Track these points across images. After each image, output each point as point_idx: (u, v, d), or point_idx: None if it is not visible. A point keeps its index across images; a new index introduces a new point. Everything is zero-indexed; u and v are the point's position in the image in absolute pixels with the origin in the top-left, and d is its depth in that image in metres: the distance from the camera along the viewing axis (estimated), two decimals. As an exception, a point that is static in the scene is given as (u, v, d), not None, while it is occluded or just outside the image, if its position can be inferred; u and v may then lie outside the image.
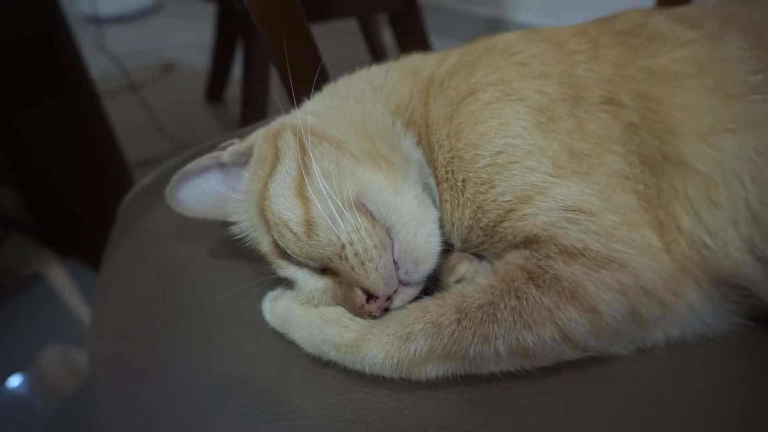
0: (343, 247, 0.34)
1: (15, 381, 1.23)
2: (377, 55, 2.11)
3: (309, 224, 0.35)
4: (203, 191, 0.42)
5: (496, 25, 2.18)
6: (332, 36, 2.08)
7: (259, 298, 0.40)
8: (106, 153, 1.29)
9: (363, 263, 0.34)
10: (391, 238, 0.35)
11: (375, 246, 0.34)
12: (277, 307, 0.38)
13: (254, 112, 1.59)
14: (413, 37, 1.59)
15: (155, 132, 1.88)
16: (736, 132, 0.36)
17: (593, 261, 0.34)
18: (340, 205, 0.34)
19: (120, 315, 0.44)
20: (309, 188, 0.35)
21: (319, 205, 0.35)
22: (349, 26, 1.95)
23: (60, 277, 1.59)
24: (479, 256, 0.39)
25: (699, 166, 0.36)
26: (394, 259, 0.35)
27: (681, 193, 0.36)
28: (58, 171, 1.33)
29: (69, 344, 1.42)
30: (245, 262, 0.43)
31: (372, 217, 0.35)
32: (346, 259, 0.34)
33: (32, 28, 1.12)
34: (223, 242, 0.44)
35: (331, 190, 0.35)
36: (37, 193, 1.43)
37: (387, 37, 1.93)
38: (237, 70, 1.85)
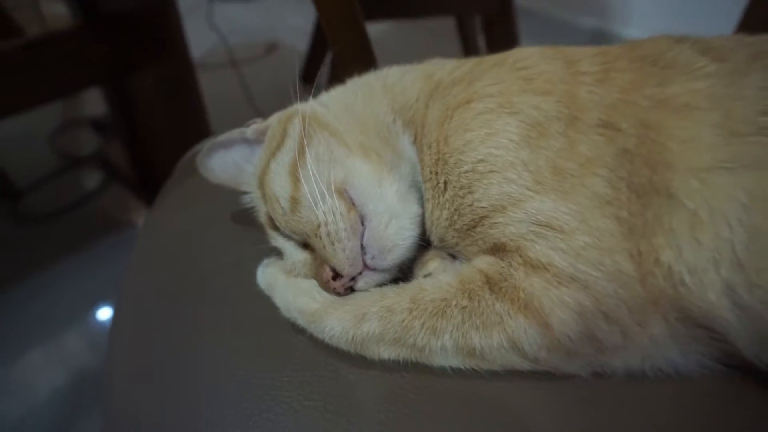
0: (318, 226, 0.38)
1: (104, 313, 1.35)
2: (471, 55, 2.10)
3: (294, 201, 0.39)
4: (228, 162, 0.48)
5: (601, 38, 2.10)
6: (431, 37, 2.12)
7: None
8: (195, 121, 1.42)
9: (333, 243, 0.37)
10: (363, 225, 0.38)
11: (345, 229, 0.37)
12: (265, 273, 0.43)
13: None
14: (505, 43, 1.58)
15: (248, 107, 2.01)
16: (731, 171, 0.35)
17: (556, 277, 0.36)
18: (324, 188, 0.38)
19: (149, 264, 0.52)
20: (300, 170, 0.39)
21: (305, 186, 0.39)
22: (449, 29, 1.97)
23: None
24: (454, 257, 0.41)
25: (687, 202, 0.36)
26: (362, 244, 0.38)
27: (666, 226, 0.36)
28: (156, 132, 1.49)
29: None
30: (257, 228, 0.48)
31: (352, 203, 0.39)
32: (320, 237, 0.38)
33: (144, 2, 1.26)
34: (243, 209, 0.50)
35: (319, 174, 0.39)
36: (138, 149, 1.61)
37: (483, 41, 1.93)
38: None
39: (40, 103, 1.36)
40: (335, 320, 0.37)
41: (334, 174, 0.39)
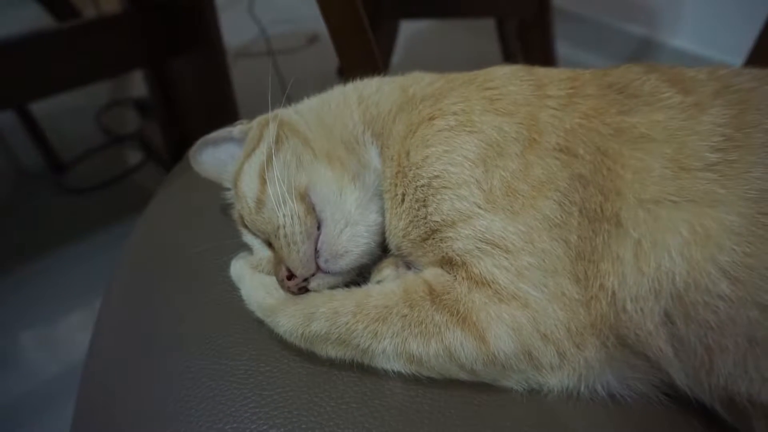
0: (278, 227, 0.41)
1: None
2: (509, 57, 2.10)
3: (259, 202, 0.42)
4: (216, 158, 0.52)
5: (648, 47, 2.05)
6: (474, 35, 2.11)
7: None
8: (224, 108, 1.48)
9: (289, 245, 0.40)
10: (319, 230, 0.41)
11: (301, 233, 0.40)
12: (236, 266, 0.46)
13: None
14: (540, 48, 1.57)
15: (282, 97, 2.06)
16: (676, 205, 0.35)
17: (497, 294, 0.37)
18: (286, 193, 0.41)
19: (140, 246, 0.56)
20: (267, 173, 0.42)
21: (270, 189, 0.41)
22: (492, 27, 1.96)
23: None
24: (410, 267, 0.43)
25: (633, 231, 0.36)
26: (316, 248, 0.40)
27: (613, 253, 0.37)
28: (189, 115, 1.56)
29: None
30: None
31: (312, 208, 0.42)
32: (279, 238, 0.41)
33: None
34: (230, 203, 0.53)
35: (284, 178, 0.41)
36: (172, 130, 1.68)
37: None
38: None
39: (90, 81, 1.45)
40: (287, 317, 0.40)
41: (298, 179, 0.42)
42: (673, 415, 0.38)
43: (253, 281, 0.43)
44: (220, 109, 1.49)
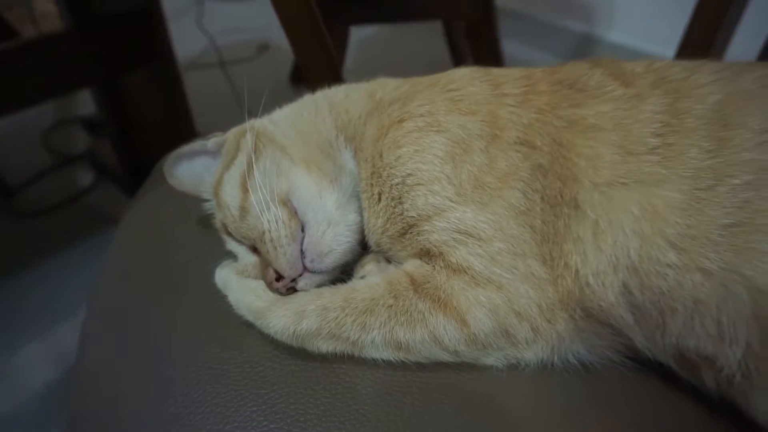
0: (263, 233, 0.43)
1: None
2: (458, 58, 2.16)
3: (243, 210, 0.44)
4: (191, 171, 0.53)
5: (587, 42, 2.15)
6: (424, 37, 2.15)
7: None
8: (180, 121, 1.48)
9: (275, 248, 0.42)
10: (303, 232, 0.43)
11: (286, 236, 0.42)
12: (221, 273, 0.48)
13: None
14: (488, 47, 1.62)
15: (237, 107, 2.05)
16: (626, 186, 0.40)
17: (473, 279, 0.40)
18: (269, 199, 0.43)
19: (122, 259, 0.56)
20: (249, 182, 0.44)
21: (253, 197, 0.44)
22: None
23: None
24: (390, 261, 0.46)
25: (590, 213, 0.40)
26: (302, 249, 0.43)
27: (574, 234, 0.41)
28: (143, 131, 1.54)
29: None
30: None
31: (294, 212, 0.44)
32: (265, 242, 0.43)
33: (134, 5, 1.31)
34: (207, 214, 0.55)
35: (265, 185, 0.44)
36: (126, 148, 1.66)
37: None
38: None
39: (33, 103, 1.41)
40: (278, 318, 0.42)
41: (278, 185, 0.44)
42: (636, 374, 0.42)
43: (240, 286, 0.45)
44: (176, 123, 1.48)
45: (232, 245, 0.48)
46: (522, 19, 2.28)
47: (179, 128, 1.56)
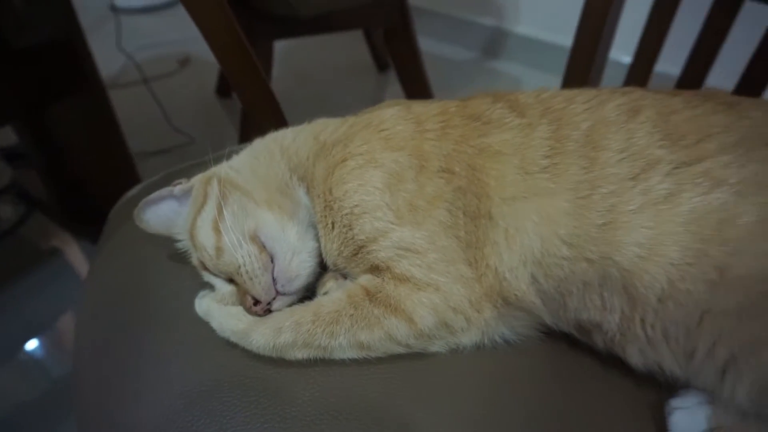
0: (239, 267, 0.51)
1: (32, 345, 1.43)
2: (378, 58, 2.27)
3: (219, 250, 0.52)
4: (160, 215, 0.60)
5: (498, 36, 2.31)
6: (347, 42, 2.23)
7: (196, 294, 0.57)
8: (113, 146, 1.50)
9: (251, 279, 0.51)
10: (272, 263, 0.52)
11: (259, 267, 0.51)
12: (202, 303, 0.55)
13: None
14: (406, 50, 1.73)
15: (165, 124, 2.06)
16: (526, 199, 0.51)
17: (416, 285, 0.51)
18: (240, 238, 0.51)
19: (99, 303, 0.62)
20: (221, 225, 0.52)
21: (226, 238, 0.52)
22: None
23: (74, 253, 1.80)
24: (346, 277, 0.55)
25: (501, 222, 0.52)
26: (273, 277, 0.52)
27: (491, 240, 0.52)
28: (74, 160, 1.54)
29: None
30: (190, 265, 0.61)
31: (263, 247, 0.53)
32: (241, 275, 0.51)
33: (54, 36, 1.31)
34: (177, 251, 0.62)
35: (235, 227, 0.52)
36: (57, 178, 1.65)
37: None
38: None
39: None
40: (259, 335, 0.50)
41: (247, 225, 0.53)
42: (549, 343, 0.54)
43: (221, 313, 0.53)
44: (109, 148, 1.49)
45: (209, 278, 0.56)
46: (436, 17, 2.42)
47: (112, 152, 1.57)
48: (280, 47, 1.99)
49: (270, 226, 0.53)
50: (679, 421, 0.46)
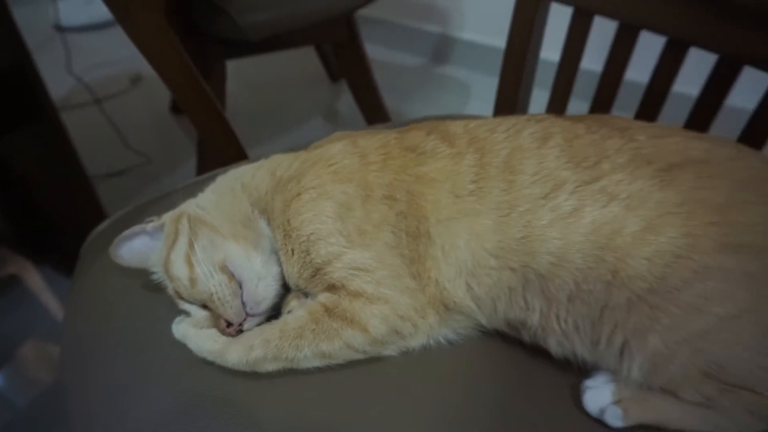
0: (212, 294, 0.59)
1: None
2: (330, 68, 2.35)
3: (192, 280, 0.60)
4: (135, 250, 0.67)
5: (444, 42, 2.42)
6: (298, 52, 2.29)
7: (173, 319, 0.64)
8: (69, 171, 1.52)
9: (223, 304, 0.58)
10: (241, 289, 0.60)
11: (230, 294, 0.59)
12: (179, 328, 0.62)
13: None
14: (355, 62, 1.82)
15: (121, 145, 2.09)
16: (457, 220, 0.60)
17: (368, 300, 0.59)
18: (211, 269, 0.59)
19: (82, 333, 0.69)
20: (193, 258, 0.60)
21: (198, 269, 0.59)
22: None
23: (34, 280, 1.81)
24: (307, 295, 0.63)
25: (437, 240, 0.61)
26: (242, 301, 0.59)
27: (430, 256, 0.61)
28: (30, 187, 1.56)
29: (44, 339, 1.60)
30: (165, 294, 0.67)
31: (232, 275, 0.60)
32: (214, 301, 0.59)
33: (2, 63, 1.34)
34: (150, 281, 0.69)
35: (207, 259, 0.59)
36: (13, 206, 1.66)
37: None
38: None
39: None
40: (233, 353, 0.58)
41: (216, 257, 0.60)
42: (484, 339, 0.63)
43: (198, 335, 0.60)
44: (65, 173, 1.51)
45: (184, 306, 0.63)
46: (385, 25, 2.51)
47: (69, 178, 1.59)
48: (233, 60, 2.04)
49: (237, 257, 0.61)
50: (591, 397, 0.56)
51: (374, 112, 1.92)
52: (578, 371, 0.59)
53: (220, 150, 0.90)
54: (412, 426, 0.56)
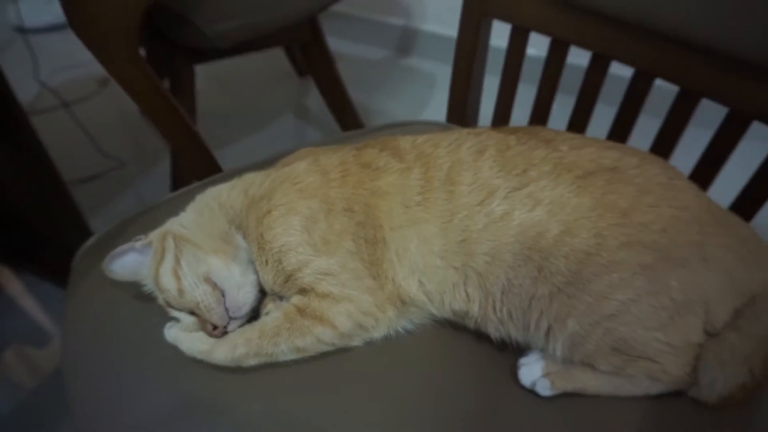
0: (198, 303, 0.69)
1: None
2: (297, 64, 2.41)
3: (180, 291, 0.69)
4: (126, 265, 0.76)
5: (407, 34, 2.50)
6: (268, 54, 2.35)
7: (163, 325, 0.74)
8: (45, 177, 1.54)
9: (209, 311, 0.68)
10: (224, 296, 0.70)
11: (214, 301, 0.68)
12: (170, 333, 0.72)
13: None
14: (320, 59, 1.90)
15: (93, 149, 2.13)
16: (408, 227, 0.71)
17: (334, 300, 0.69)
18: (196, 280, 0.69)
19: (82, 342, 0.78)
20: (179, 271, 0.69)
21: (184, 282, 0.69)
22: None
23: (17, 288, 1.87)
24: (281, 298, 0.74)
25: (392, 245, 0.71)
26: (226, 307, 0.69)
27: (387, 259, 0.71)
28: (6, 194, 1.58)
29: (28, 345, 1.65)
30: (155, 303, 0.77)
31: (215, 285, 0.70)
32: (200, 309, 0.69)
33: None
34: (141, 292, 0.78)
35: (192, 273, 0.69)
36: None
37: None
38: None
39: None
40: (219, 352, 0.68)
41: (200, 270, 0.70)
42: (437, 327, 0.74)
43: (187, 338, 0.70)
44: (40, 180, 1.55)
45: (174, 313, 0.72)
46: (350, 19, 2.58)
47: (45, 184, 1.62)
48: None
49: (218, 269, 0.71)
50: (525, 372, 0.68)
51: (341, 107, 2.01)
52: (514, 351, 0.70)
53: (193, 164, 0.99)
54: (375, 404, 0.66)
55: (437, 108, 2.24)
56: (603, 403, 0.66)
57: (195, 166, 0.98)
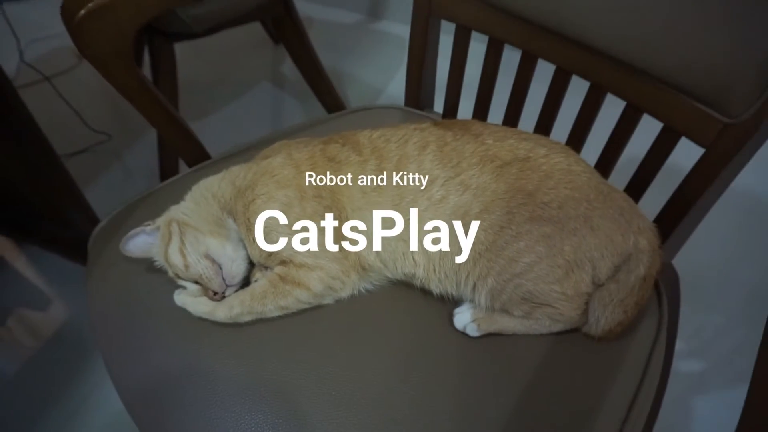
0: (201, 275, 0.89)
1: None
2: (273, 35, 2.53)
3: (186, 266, 0.89)
4: (138, 245, 0.95)
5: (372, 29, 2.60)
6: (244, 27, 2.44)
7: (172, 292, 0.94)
8: (39, 151, 1.64)
9: (210, 280, 0.88)
10: (221, 269, 0.90)
11: (214, 273, 0.88)
12: (179, 297, 0.92)
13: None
14: (292, 29, 2.04)
15: (79, 123, 2.26)
16: (366, 210, 0.90)
17: (309, 268, 0.90)
18: (198, 257, 0.88)
19: (106, 308, 0.98)
20: (184, 250, 0.89)
21: (189, 258, 0.89)
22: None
23: (18, 259, 2.04)
24: (266, 268, 0.94)
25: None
26: (223, 277, 0.89)
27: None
28: (4, 173, 1.70)
29: (30, 311, 1.82)
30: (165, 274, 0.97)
31: (213, 260, 0.90)
32: (203, 279, 0.89)
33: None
34: (153, 266, 0.98)
35: (194, 251, 0.89)
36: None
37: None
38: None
39: None
40: (220, 312, 0.88)
41: (200, 249, 0.89)
42: (391, 287, 0.95)
43: (194, 302, 0.91)
44: (38, 155, 1.64)
45: (182, 282, 0.92)
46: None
47: (40, 158, 1.69)
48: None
49: (215, 247, 0.91)
50: (458, 319, 0.89)
51: (314, 75, 2.16)
52: (450, 303, 0.92)
53: (181, 151, 1.16)
54: (342, 347, 0.88)
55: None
56: (518, 340, 0.89)
57: (184, 154, 1.15)
